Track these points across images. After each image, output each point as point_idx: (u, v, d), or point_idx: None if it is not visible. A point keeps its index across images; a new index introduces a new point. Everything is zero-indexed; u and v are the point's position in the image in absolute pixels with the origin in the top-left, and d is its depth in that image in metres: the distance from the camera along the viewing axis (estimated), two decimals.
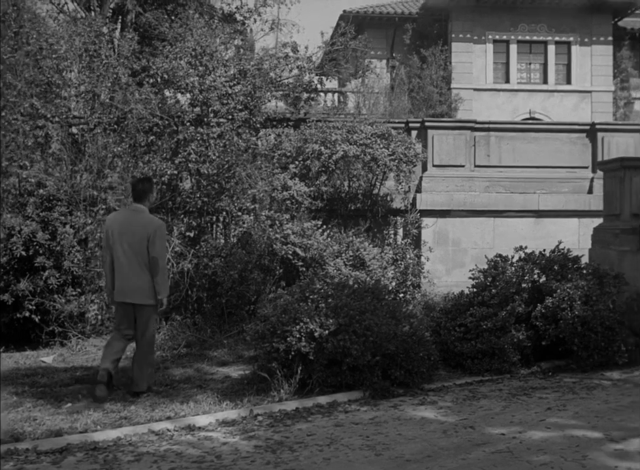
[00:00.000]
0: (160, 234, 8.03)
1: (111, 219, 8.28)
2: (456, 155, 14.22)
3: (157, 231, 7.99)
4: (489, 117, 32.27)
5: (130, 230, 8.02)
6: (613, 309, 8.80)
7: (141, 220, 8.05)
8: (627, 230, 11.18)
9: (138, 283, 8.04)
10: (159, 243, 7.99)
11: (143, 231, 7.98)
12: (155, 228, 8.00)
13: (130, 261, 8.03)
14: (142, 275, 8.03)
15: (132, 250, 8.01)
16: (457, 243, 14.05)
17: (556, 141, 14.53)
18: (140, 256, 8.00)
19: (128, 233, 8.02)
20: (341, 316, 7.99)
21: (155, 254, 7.96)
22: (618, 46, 33.40)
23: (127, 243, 8.02)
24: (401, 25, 33.25)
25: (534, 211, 14.18)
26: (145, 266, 8.00)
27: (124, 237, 8.03)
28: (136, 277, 8.04)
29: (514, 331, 8.94)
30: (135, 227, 8.02)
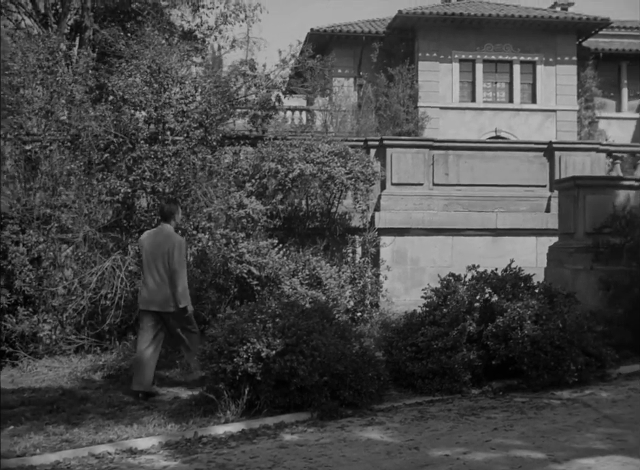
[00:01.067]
0: (179, 248, 8.90)
1: (144, 236, 9.31)
2: (415, 173, 14.24)
3: (175, 245, 8.88)
4: (456, 136, 32.60)
5: (155, 245, 8.97)
6: (563, 328, 8.79)
7: (165, 237, 9.00)
8: (580, 249, 11.25)
9: (160, 294, 8.91)
10: (177, 256, 8.85)
11: (165, 246, 8.90)
12: (174, 243, 8.90)
13: (155, 274, 8.94)
14: (164, 286, 8.90)
15: (155, 264, 8.93)
16: (416, 262, 14.05)
17: (515, 160, 14.60)
18: (162, 269, 8.89)
19: (154, 248, 8.97)
20: (289, 336, 7.92)
21: (174, 266, 8.83)
22: (582, 66, 33.82)
23: (152, 257, 8.96)
24: (369, 43, 33.42)
25: (492, 229, 14.23)
26: (167, 278, 8.88)
27: (150, 252, 8.98)
28: (159, 289, 8.92)
29: (466, 350, 8.91)
30: (159, 243, 8.96)
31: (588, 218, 11.22)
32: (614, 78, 35.23)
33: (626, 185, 11.33)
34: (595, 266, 11.16)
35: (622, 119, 35.00)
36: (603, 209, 11.17)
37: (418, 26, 32.90)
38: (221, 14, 15.20)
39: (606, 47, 34.87)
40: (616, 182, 11.46)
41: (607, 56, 34.58)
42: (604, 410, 7.94)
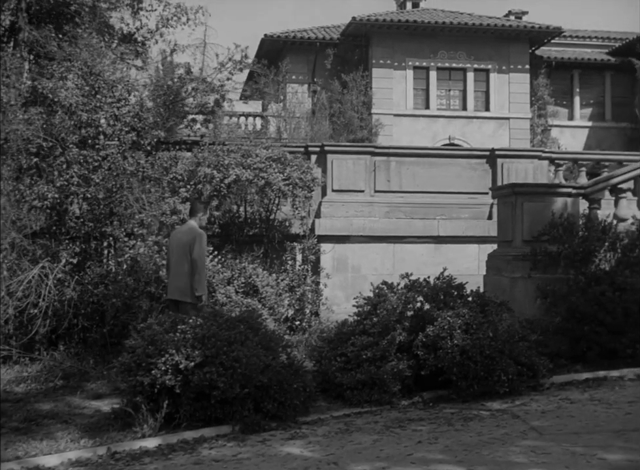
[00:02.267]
0: (199, 240, 9.44)
1: (173, 231, 10.23)
2: (356, 180, 14.05)
3: (196, 238, 9.44)
4: (410, 143, 32.55)
5: (179, 238, 9.65)
6: (494, 338, 8.63)
7: (187, 231, 9.65)
8: (518, 257, 11.13)
9: (180, 283, 9.47)
10: (197, 248, 9.38)
11: (186, 239, 9.50)
12: (195, 236, 9.46)
13: (177, 264, 9.56)
14: (183, 276, 9.45)
15: (178, 255, 9.57)
16: (357, 270, 13.85)
17: (457, 167, 14.49)
18: (184, 259, 9.46)
19: (177, 241, 9.65)
20: (208, 347, 7.65)
21: (194, 256, 9.37)
22: (535, 74, 34.02)
23: (175, 249, 9.64)
24: (323, 50, 33.32)
25: (434, 237, 14.09)
26: (188, 269, 9.41)
27: (175, 244, 9.67)
28: (179, 278, 9.50)
29: (396, 360, 8.71)
30: (182, 236, 9.62)
31: (526, 226, 11.10)
32: (566, 87, 35.50)
33: (564, 192, 11.24)
34: (532, 274, 11.04)
35: (574, 127, 35.25)
36: (541, 216, 11.06)
37: (372, 33, 32.83)
38: (161, 17, 14.84)
39: (558, 56, 35.14)
40: (554, 189, 11.36)
41: (560, 64, 34.84)
42: (532, 422, 7.77)
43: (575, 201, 11.35)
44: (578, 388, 9.23)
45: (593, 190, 11.51)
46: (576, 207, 11.35)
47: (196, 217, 9.79)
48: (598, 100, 35.44)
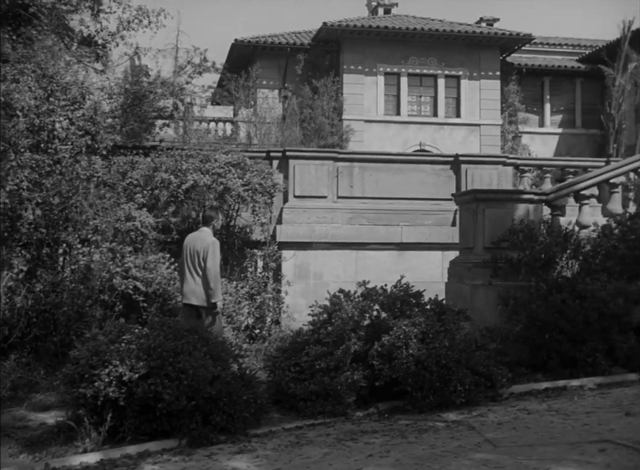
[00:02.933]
0: (212, 248, 9.69)
1: (187, 237, 10.15)
2: (318, 185, 13.85)
3: (209, 246, 9.68)
4: (380, 149, 32.42)
5: (193, 246, 9.83)
6: (451, 347, 8.44)
7: (201, 238, 9.85)
8: (479, 264, 10.97)
9: (196, 289, 9.73)
10: (211, 256, 9.64)
11: (200, 246, 9.72)
12: (209, 244, 9.71)
13: (191, 270, 9.79)
14: (197, 283, 9.72)
15: (192, 262, 9.79)
16: (319, 277, 13.64)
17: (421, 173, 14.33)
18: (198, 267, 9.73)
19: (192, 248, 9.83)
20: (154, 358, 7.41)
21: (208, 265, 9.62)
22: (505, 81, 34.05)
23: (190, 256, 9.83)
24: (294, 55, 33.16)
25: (398, 243, 13.90)
26: (201, 275, 9.69)
27: (189, 251, 9.85)
28: (193, 285, 9.74)
29: (350, 371, 8.50)
30: (195, 243, 9.81)
31: (487, 232, 10.95)
32: (537, 93, 35.57)
33: (526, 199, 11.09)
34: (493, 281, 10.88)
35: (544, 134, 35.33)
36: (502, 223, 10.91)
37: (343, 38, 32.72)
38: (120, 20, 14.54)
39: (529, 62, 35.21)
40: (515, 196, 11.22)
41: (530, 71, 34.90)
42: (487, 434, 7.58)
43: (536, 207, 11.22)
44: (537, 397, 9.06)
45: (555, 197, 11.38)
46: (538, 213, 11.21)
47: (210, 225, 10.10)
48: (568, 107, 35.55)
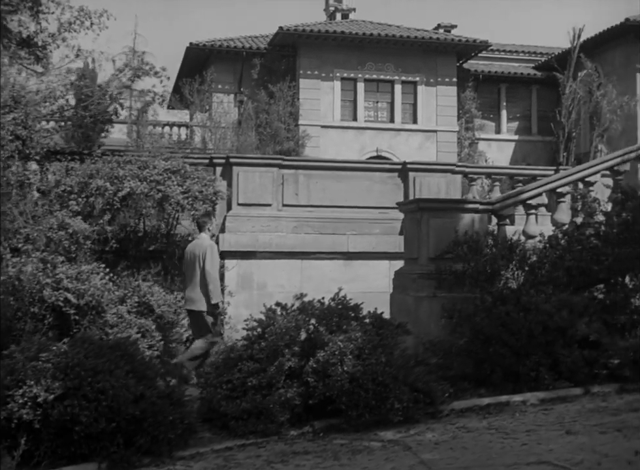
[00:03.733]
0: (210, 251, 10.25)
1: (188, 246, 10.80)
2: (263, 193, 13.50)
3: (207, 249, 10.25)
4: (337, 155, 32.24)
5: (192, 251, 10.41)
6: (388, 363, 8.14)
7: (199, 243, 10.44)
8: (423, 275, 10.70)
9: (195, 294, 10.28)
10: (209, 260, 10.21)
11: (198, 251, 10.30)
12: (206, 247, 10.27)
13: (192, 276, 10.37)
14: (198, 287, 10.28)
15: (192, 267, 10.36)
16: (263, 287, 13.29)
17: (368, 181, 14.03)
18: (198, 271, 10.25)
19: (191, 254, 10.41)
20: (71, 377, 7.00)
21: (207, 268, 10.19)
22: (462, 87, 34.03)
23: (190, 262, 10.40)
24: (250, 59, 32.85)
25: (344, 253, 13.59)
26: (200, 280, 10.22)
27: (188, 257, 10.45)
28: (194, 289, 10.30)
29: (284, 388, 8.15)
30: (194, 249, 10.40)
31: (432, 243, 10.68)
32: (493, 100, 35.61)
33: (471, 208, 10.85)
34: (438, 293, 10.62)
35: (501, 141, 35.39)
36: (447, 233, 10.65)
37: (299, 43, 32.47)
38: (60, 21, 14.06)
39: (486, 69, 35.23)
40: (460, 205, 10.97)
41: (487, 78, 34.95)
42: (423, 455, 7.28)
43: (482, 217, 10.98)
44: (478, 414, 8.79)
45: (501, 207, 11.16)
46: (483, 223, 10.98)
47: (205, 229, 10.60)
48: (525, 114, 35.64)
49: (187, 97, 32.49)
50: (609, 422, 7.98)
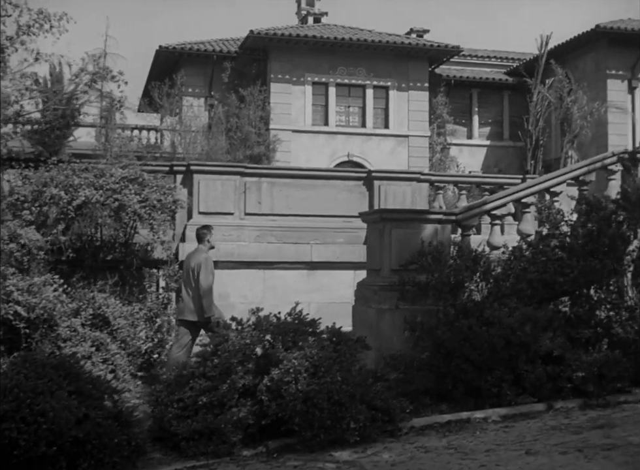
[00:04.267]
0: (204, 264, 10.41)
1: (186, 256, 11.08)
2: (224, 201, 13.19)
3: (202, 262, 10.42)
4: (308, 160, 32.06)
5: (189, 263, 10.61)
6: (345, 381, 7.88)
7: (195, 256, 10.63)
8: (385, 287, 10.47)
9: (190, 305, 10.43)
10: (204, 273, 10.35)
11: (194, 263, 10.48)
12: (201, 260, 10.46)
13: (187, 287, 10.54)
14: (191, 299, 10.45)
15: (187, 278, 10.55)
16: (224, 297, 12.96)
17: (333, 189, 13.77)
18: (192, 282, 10.43)
19: (187, 265, 10.62)
20: (9, 400, 6.68)
21: (200, 279, 10.33)
22: (434, 93, 33.93)
23: (186, 273, 10.60)
24: (220, 63, 32.55)
25: (307, 262, 13.30)
26: (195, 291, 10.39)
27: (185, 269, 10.65)
28: (188, 299, 10.47)
29: (238, 407, 7.87)
30: (191, 261, 10.59)
31: (395, 254, 10.45)
32: (465, 105, 35.57)
33: (434, 219, 10.63)
34: (400, 305, 10.38)
35: (472, 146, 35.34)
36: (410, 244, 10.41)
37: (270, 47, 32.22)
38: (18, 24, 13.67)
39: (458, 74, 35.17)
40: (423, 216, 10.74)
41: (459, 83, 34.90)
42: None
43: (445, 228, 10.77)
44: (438, 432, 8.55)
45: (465, 217, 10.95)
46: (447, 234, 10.77)
47: (204, 241, 10.72)
48: (496, 119, 35.62)
49: (157, 101, 32.17)
50: (571, 440, 7.78)
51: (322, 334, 8.65)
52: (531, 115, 31.03)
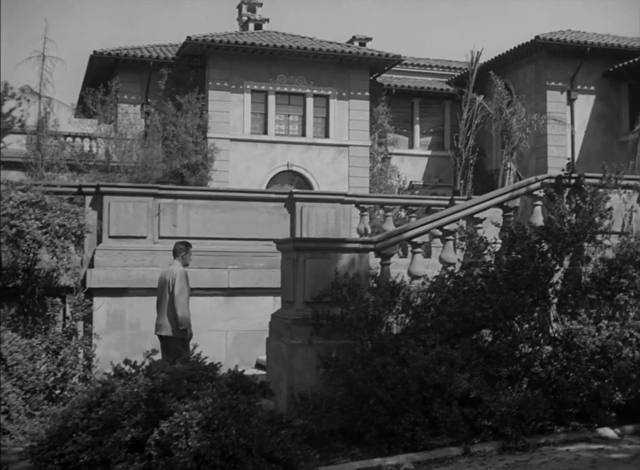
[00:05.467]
0: (180, 278, 10.52)
1: (161, 272, 11.04)
2: (137, 224, 12.49)
3: (176, 276, 10.53)
4: (247, 169, 31.45)
5: (164, 277, 10.72)
6: (242, 433, 7.27)
7: (170, 270, 10.74)
8: (298, 321, 9.89)
9: (164, 320, 10.59)
10: (178, 285, 10.47)
11: (169, 276, 10.60)
12: (176, 274, 10.56)
13: (161, 302, 10.68)
14: (167, 313, 10.57)
15: (162, 293, 10.66)
16: (136, 326, 12.27)
17: (252, 211, 13.13)
18: (167, 297, 10.54)
19: (162, 281, 10.71)
20: None
21: (175, 292, 10.45)
22: (375, 102, 33.54)
23: (160, 289, 10.69)
24: (157, 69, 31.73)
25: (224, 288, 12.64)
26: (169, 306, 10.49)
27: (160, 284, 10.73)
28: (163, 315, 10.62)
29: (126, 461, 7.21)
30: (165, 275, 10.71)
31: (309, 285, 9.86)
32: (407, 115, 35.26)
33: (351, 248, 10.07)
34: (314, 340, 9.80)
35: (414, 156, 35.04)
36: (324, 275, 9.84)
37: (209, 53, 31.49)
38: None
39: (399, 83, 34.83)
40: (339, 245, 10.18)
41: (400, 92, 34.56)
42: None
43: (364, 257, 10.23)
44: None
45: (384, 245, 10.43)
46: (365, 263, 10.23)
47: (179, 257, 10.87)
48: (437, 129, 35.37)
49: (90, 108, 31.25)
50: None
51: (222, 379, 8.03)
52: (460, 134, 30.81)
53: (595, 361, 9.18)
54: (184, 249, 10.98)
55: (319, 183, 32.38)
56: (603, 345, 9.08)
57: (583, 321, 9.35)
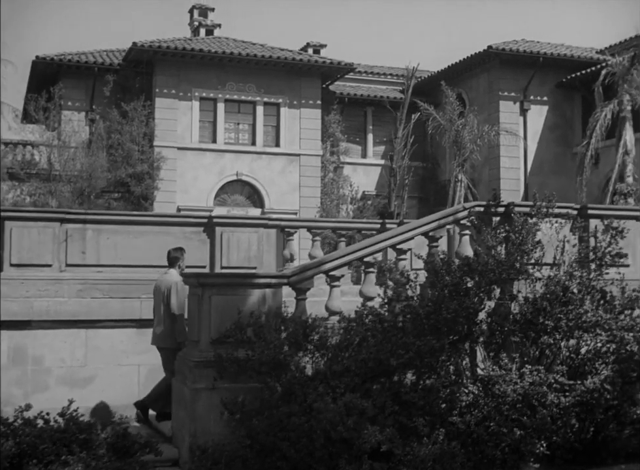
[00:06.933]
0: (175, 288, 10.17)
1: (156, 281, 10.68)
2: (41, 252, 11.60)
3: (172, 286, 10.22)
4: (195, 178, 30.65)
5: (159, 287, 10.48)
6: None
7: (166, 279, 10.45)
8: (201, 363, 9.12)
9: (159, 330, 10.41)
10: (173, 295, 10.17)
11: (164, 287, 10.33)
12: (172, 283, 10.25)
13: (157, 312, 10.53)
14: (162, 323, 10.38)
15: (157, 304, 10.52)
16: (39, 361, 11.39)
17: (168, 236, 12.27)
18: (163, 307, 10.32)
19: (157, 290, 10.52)
20: None
21: (171, 303, 10.18)
22: (327, 110, 32.89)
23: (155, 298, 10.57)
24: (102, 75, 30.82)
25: (136, 320, 11.78)
26: (165, 316, 10.27)
27: (155, 293, 10.59)
28: (159, 325, 10.44)
29: None
30: (161, 284, 10.44)
31: (214, 324, 9.09)
32: (360, 124, 34.67)
33: (262, 283, 9.31)
34: (219, 384, 9.02)
35: (367, 165, 34.46)
36: (231, 313, 9.05)
37: (156, 60, 30.62)
38: None
39: (352, 92, 34.19)
40: (249, 280, 9.41)
41: (353, 101, 33.96)
42: None
43: (277, 292, 9.49)
44: None
45: (299, 279, 9.68)
46: (278, 299, 9.49)
47: (176, 266, 10.62)
48: (391, 138, 34.66)
49: (32, 114, 30.26)
50: None
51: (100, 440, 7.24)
52: (395, 153, 30.25)
53: (518, 409, 8.51)
54: (180, 256, 10.72)
55: (269, 193, 31.72)
56: (525, 393, 8.41)
57: (505, 367, 8.68)
